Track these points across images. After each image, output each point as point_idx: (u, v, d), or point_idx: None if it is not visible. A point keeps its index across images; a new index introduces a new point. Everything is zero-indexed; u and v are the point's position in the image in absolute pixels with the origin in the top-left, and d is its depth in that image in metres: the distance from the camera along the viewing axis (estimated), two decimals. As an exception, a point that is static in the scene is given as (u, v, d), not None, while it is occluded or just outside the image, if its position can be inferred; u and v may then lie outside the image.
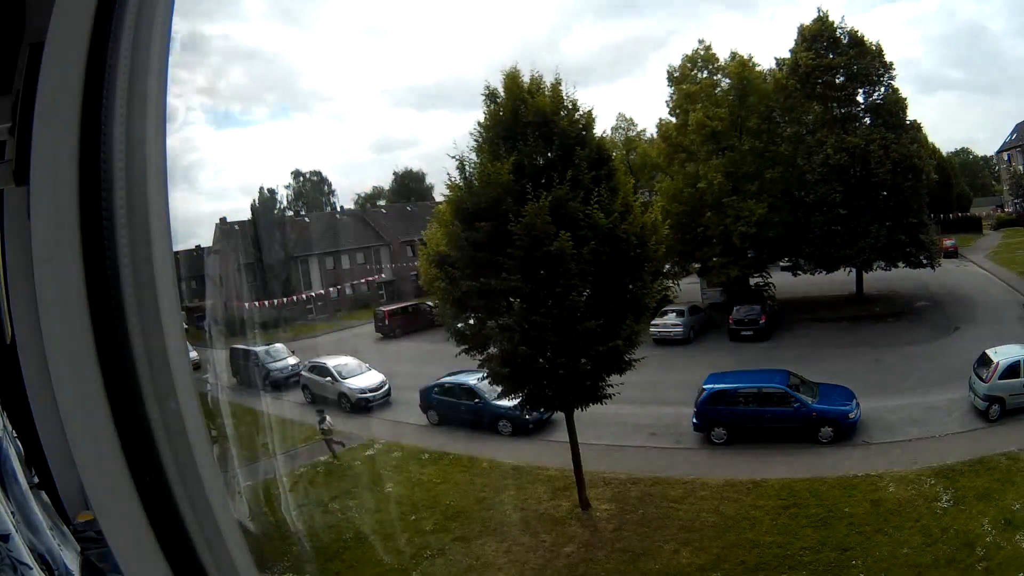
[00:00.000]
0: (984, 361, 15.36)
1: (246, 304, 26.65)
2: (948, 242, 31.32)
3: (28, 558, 2.33)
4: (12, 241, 3.25)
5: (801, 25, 25.61)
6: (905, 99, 24.59)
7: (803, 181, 24.78)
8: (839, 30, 25.07)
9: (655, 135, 29.16)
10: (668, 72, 27.33)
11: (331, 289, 37.17)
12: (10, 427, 2.83)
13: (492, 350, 13.88)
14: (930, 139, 27.68)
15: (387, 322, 30.93)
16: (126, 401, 1.44)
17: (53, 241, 1.43)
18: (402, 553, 12.88)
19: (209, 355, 21.63)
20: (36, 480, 2.95)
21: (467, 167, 13.74)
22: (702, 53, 26.90)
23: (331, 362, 21.65)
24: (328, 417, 17.87)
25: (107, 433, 1.43)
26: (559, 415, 15.24)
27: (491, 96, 13.99)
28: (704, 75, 26.83)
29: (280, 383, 23.09)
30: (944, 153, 37.56)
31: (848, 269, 25.31)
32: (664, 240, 15.01)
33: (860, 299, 25.91)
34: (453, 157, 13.70)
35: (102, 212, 1.44)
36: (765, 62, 27.40)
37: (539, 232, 12.48)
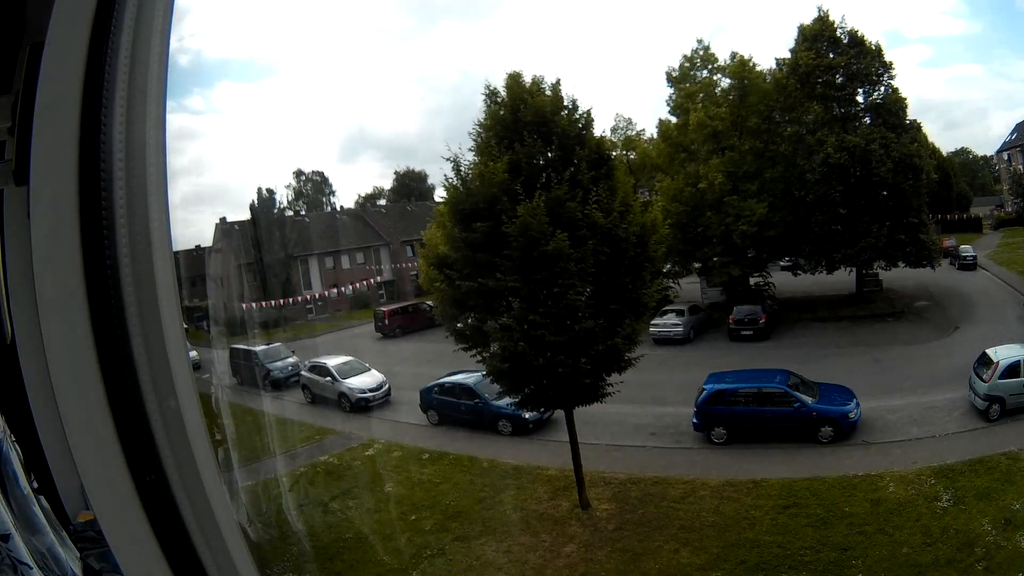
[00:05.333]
0: (984, 361, 15.35)
1: (246, 304, 26.65)
2: (948, 242, 31.29)
3: (28, 558, 2.33)
4: (12, 241, 3.26)
5: (801, 25, 25.63)
6: (905, 99, 24.61)
7: (803, 181, 24.76)
8: (839, 30, 25.08)
9: (655, 135, 29.17)
10: (667, 72, 27.37)
11: (331, 289, 37.16)
12: (9, 429, 2.83)
13: (493, 348, 13.90)
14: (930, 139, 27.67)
15: (387, 322, 30.93)
16: (126, 401, 1.44)
17: (53, 241, 1.43)
18: (402, 553, 12.88)
19: (209, 355, 21.63)
20: (35, 486, 2.95)
21: (463, 167, 13.75)
22: (701, 53, 26.91)
23: (331, 362, 21.64)
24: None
25: (107, 433, 1.43)
26: (559, 415, 15.26)
27: (491, 96, 14.00)
28: (704, 75, 26.83)
29: (280, 383, 23.08)
30: (944, 153, 37.55)
31: (849, 269, 25.32)
32: (664, 240, 15.01)
33: (860, 299, 25.92)
34: (448, 159, 13.71)
35: (102, 212, 1.44)
36: (763, 62, 27.45)
37: (535, 232, 12.48)
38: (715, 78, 26.64)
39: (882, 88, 24.80)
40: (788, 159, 25.03)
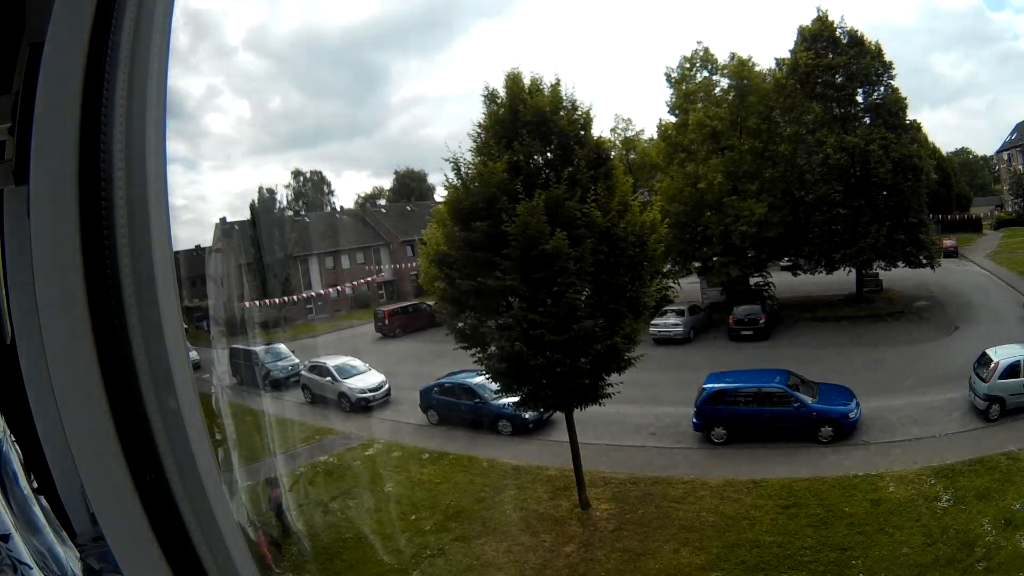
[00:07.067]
0: (984, 361, 15.35)
1: (246, 304, 26.63)
2: (948, 242, 31.32)
3: (28, 558, 2.33)
4: (12, 241, 3.25)
5: (801, 25, 25.66)
6: (905, 99, 24.62)
7: (803, 181, 24.78)
8: (839, 30, 25.09)
9: (655, 135, 29.19)
10: (666, 73, 27.38)
11: (331, 289, 37.17)
12: (9, 429, 2.83)
13: (492, 349, 13.91)
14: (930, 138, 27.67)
15: (387, 322, 30.93)
16: (126, 402, 1.44)
17: (53, 241, 1.43)
18: (402, 553, 12.88)
19: (209, 355, 21.61)
20: (35, 486, 2.95)
21: (462, 167, 13.76)
22: (700, 53, 26.92)
23: (331, 362, 21.65)
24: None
25: (107, 433, 1.42)
26: (559, 415, 15.25)
27: (491, 96, 14.01)
28: (703, 75, 26.84)
29: (280, 383, 23.08)
30: (944, 153, 37.58)
31: (849, 269, 25.34)
32: (663, 239, 15.02)
33: (860, 299, 25.93)
34: (447, 160, 13.72)
35: (102, 212, 1.44)
36: (764, 62, 27.47)
37: (534, 231, 12.49)
38: (714, 78, 26.66)
39: (882, 88, 24.82)
40: (788, 159, 25.06)
